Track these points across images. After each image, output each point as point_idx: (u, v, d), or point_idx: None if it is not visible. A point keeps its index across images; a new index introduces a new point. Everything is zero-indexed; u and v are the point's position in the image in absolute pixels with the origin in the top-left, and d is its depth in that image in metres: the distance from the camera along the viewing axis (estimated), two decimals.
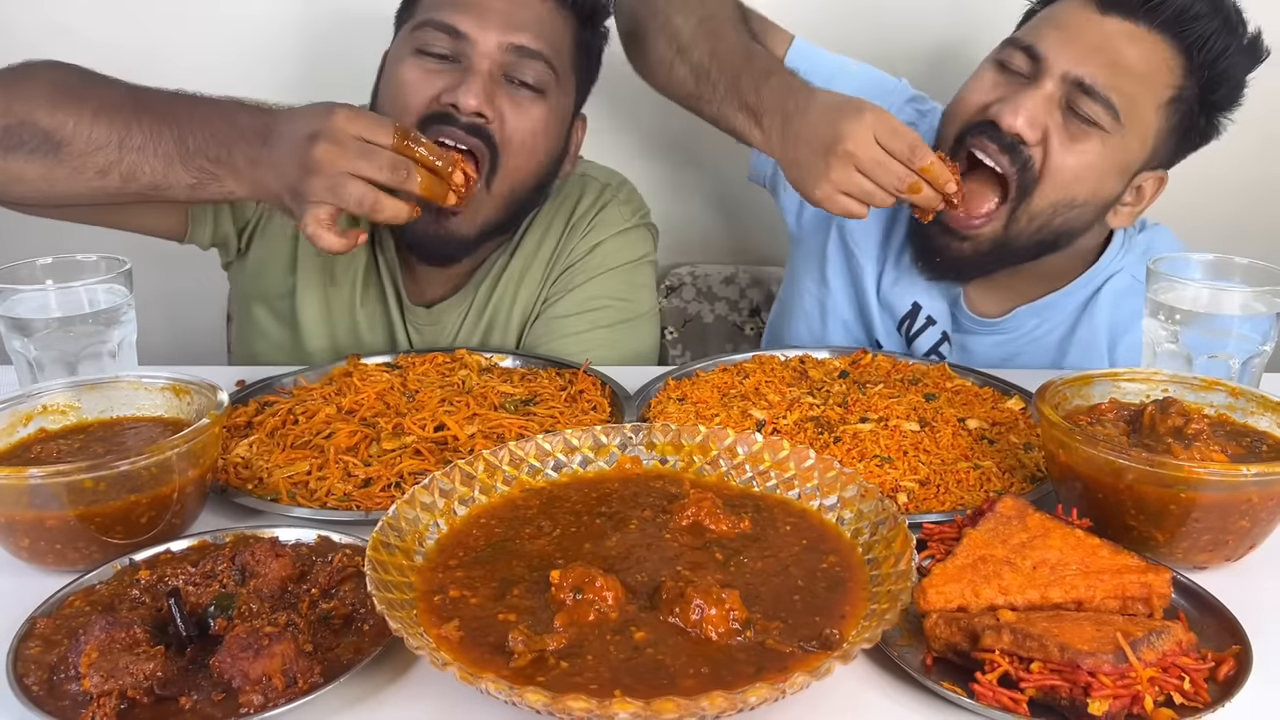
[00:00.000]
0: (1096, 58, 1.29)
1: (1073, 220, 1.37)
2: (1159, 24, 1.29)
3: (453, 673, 0.66)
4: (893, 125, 1.22)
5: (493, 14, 1.32)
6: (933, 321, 1.55)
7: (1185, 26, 1.29)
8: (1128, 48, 1.29)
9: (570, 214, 1.55)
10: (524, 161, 1.38)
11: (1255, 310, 1.10)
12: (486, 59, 1.32)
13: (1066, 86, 1.30)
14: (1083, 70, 1.28)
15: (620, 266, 1.55)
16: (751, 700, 0.65)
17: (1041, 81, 1.30)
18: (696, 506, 0.88)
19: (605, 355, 1.45)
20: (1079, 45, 1.30)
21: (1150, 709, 0.70)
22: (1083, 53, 1.29)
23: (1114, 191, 1.37)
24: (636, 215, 1.58)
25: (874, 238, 1.57)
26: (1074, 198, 1.34)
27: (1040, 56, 1.31)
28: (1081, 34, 1.30)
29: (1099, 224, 1.42)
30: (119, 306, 1.13)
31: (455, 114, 1.31)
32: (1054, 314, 1.50)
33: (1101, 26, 1.30)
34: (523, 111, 1.35)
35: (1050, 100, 1.30)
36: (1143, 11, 1.29)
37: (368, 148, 1.10)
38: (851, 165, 1.22)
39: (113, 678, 0.71)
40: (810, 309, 1.66)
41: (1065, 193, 1.33)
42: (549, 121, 1.39)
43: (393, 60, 1.38)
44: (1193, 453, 0.90)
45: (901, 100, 1.58)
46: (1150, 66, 1.30)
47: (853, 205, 1.24)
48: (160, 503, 0.90)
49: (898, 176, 1.21)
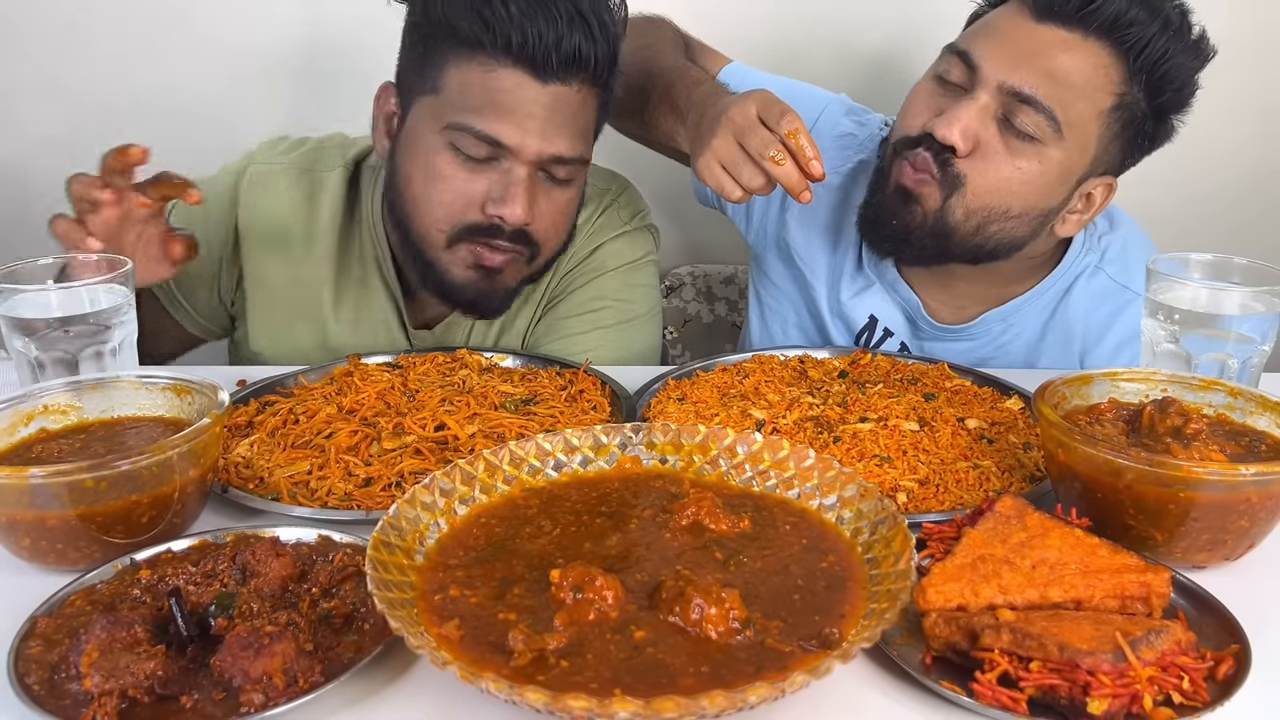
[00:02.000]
0: (1031, 65, 1.27)
1: (1011, 230, 1.36)
2: (1094, 30, 1.26)
3: (453, 672, 0.66)
4: (772, 99, 1.21)
5: (533, 121, 1.27)
6: (890, 333, 1.56)
7: (1121, 33, 1.26)
8: (1063, 56, 1.27)
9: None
10: (558, 238, 1.41)
11: (1254, 310, 1.10)
12: (526, 167, 1.30)
13: (1003, 97, 1.29)
14: (1019, 80, 1.27)
15: (620, 268, 1.55)
16: (751, 699, 0.65)
17: (976, 92, 1.29)
18: (696, 506, 0.88)
19: (606, 355, 1.45)
20: (1014, 54, 1.28)
21: (1149, 708, 0.70)
22: (1017, 61, 1.28)
23: (1056, 201, 1.36)
24: (636, 218, 1.59)
25: (820, 255, 1.57)
26: (1009, 207, 1.33)
27: (975, 65, 1.30)
28: (1016, 42, 1.29)
29: (1046, 233, 1.40)
30: (119, 306, 1.13)
31: (503, 225, 1.31)
32: (1020, 318, 1.50)
33: (1037, 35, 1.28)
34: (555, 202, 1.36)
35: (985, 111, 1.29)
36: (1077, 19, 1.26)
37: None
38: (730, 133, 1.21)
39: (113, 677, 0.72)
40: (770, 321, 1.68)
41: (999, 199, 1.32)
42: (576, 196, 1.40)
43: (422, 144, 1.32)
44: (1192, 452, 0.90)
45: (839, 113, 1.59)
46: (1087, 75, 1.28)
47: (725, 179, 1.22)
48: (161, 502, 0.91)
49: (763, 141, 1.18)
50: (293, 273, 1.51)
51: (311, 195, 1.51)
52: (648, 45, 1.53)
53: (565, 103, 1.29)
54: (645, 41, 1.54)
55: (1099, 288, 1.48)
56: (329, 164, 1.52)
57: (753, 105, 1.20)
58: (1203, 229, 2.15)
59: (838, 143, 1.54)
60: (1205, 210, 2.16)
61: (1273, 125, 2.12)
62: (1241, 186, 2.16)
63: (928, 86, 1.37)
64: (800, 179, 1.18)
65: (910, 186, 1.34)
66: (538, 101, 1.27)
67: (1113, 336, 1.47)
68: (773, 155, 1.17)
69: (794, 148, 1.17)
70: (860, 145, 1.55)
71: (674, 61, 1.48)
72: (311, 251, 1.50)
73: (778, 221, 1.59)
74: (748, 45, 1.77)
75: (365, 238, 1.51)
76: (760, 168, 1.19)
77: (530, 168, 1.30)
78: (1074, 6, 1.25)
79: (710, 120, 1.25)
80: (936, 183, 1.32)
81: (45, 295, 1.10)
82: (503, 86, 1.26)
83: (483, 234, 1.32)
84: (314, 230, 1.50)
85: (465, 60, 1.27)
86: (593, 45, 1.26)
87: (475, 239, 1.33)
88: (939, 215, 1.34)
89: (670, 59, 1.49)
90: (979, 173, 1.31)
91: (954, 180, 1.32)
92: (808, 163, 1.17)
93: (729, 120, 1.21)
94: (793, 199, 1.21)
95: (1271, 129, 2.12)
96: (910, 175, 1.34)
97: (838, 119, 1.57)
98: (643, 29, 1.60)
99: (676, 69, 1.45)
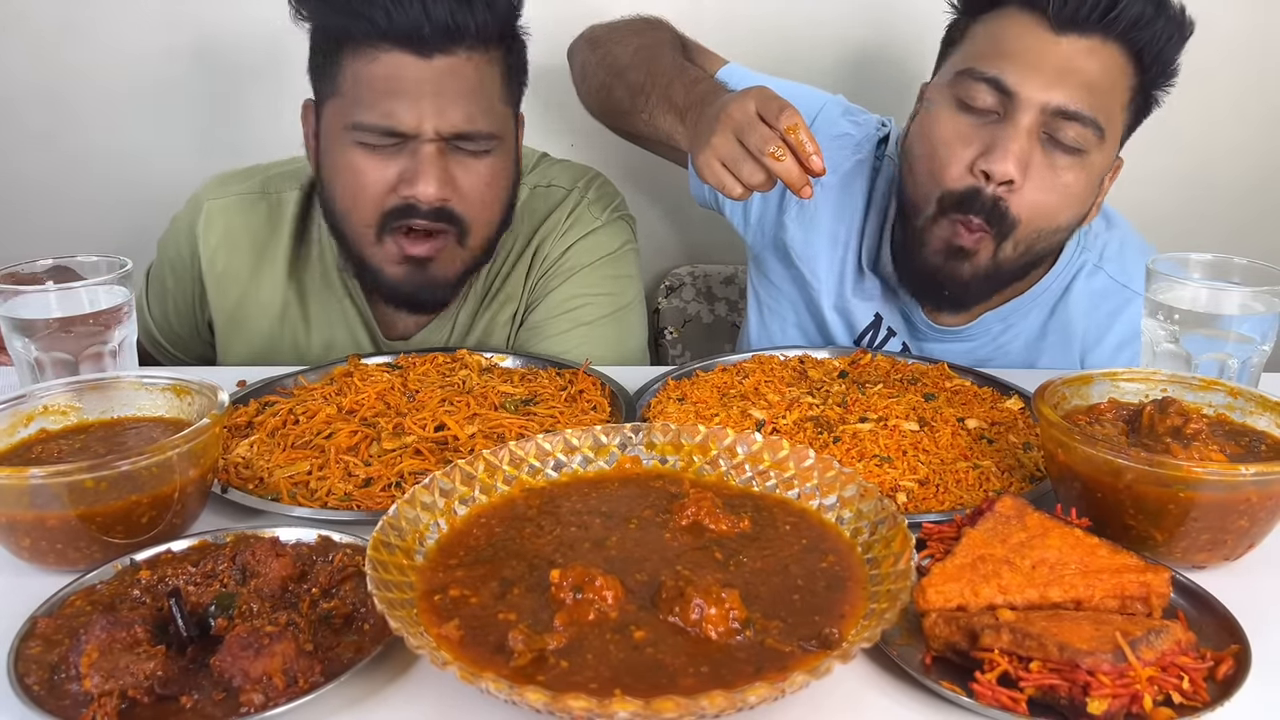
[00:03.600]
0: (1069, 81, 1.27)
1: (1057, 239, 1.39)
2: (1114, 35, 1.27)
3: (453, 672, 0.66)
4: (771, 95, 1.21)
5: (424, 100, 1.28)
6: (893, 333, 1.56)
7: (1138, 34, 1.27)
8: (1090, 64, 1.27)
9: (537, 229, 1.54)
10: (489, 215, 1.39)
11: (1254, 310, 1.10)
12: (430, 145, 1.30)
13: (1045, 117, 1.28)
14: (1063, 98, 1.27)
15: (595, 262, 1.54)
16: (751, 699, 0.65)
17: (1017, 116, 1.28)
18: (696, 506, 0.88)
19: (592, 351, 1.45)
20: (1048, 72, 1.27)
21: (1149, 708, 0.70)
22: (1053, 79, 1.27)
23: (1092, 201, 1.38)
24: (607, 211, 1.57)
25: (820, 255, 1.57)
26: (1059, 224, 1.35)
27: (1011, 91, 1.28)
28: (1045, 59, 1.28)
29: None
30: (119, 306, 1.13)
31: (417, 204, 1.31)
32: (1019, 318, 1.50)
33: (1061, 48, 1.27)
34: (475, 173, 1.35)
35: (1031, 134, 1.29)
36: (1099, 27, 1.26)
37: None
38: (730, 130, 1.20)
39: (113, 677, 0.72)
40: (769, 321, 1.68)
41: (1051, 221, 1.34)
42: (501, 167, 1.39)
43: (334, 146, 1.34)
44: (1191, 452, 0.90)
45: (836, 114, 1.58)
46: (1113, 77, 1.29)
47: (725, 176, 1.22)
48: (161, 502, 0.91)
49: (762, 137, 1.17)
50: (260, 296, 1.52)
51: (270, 217, 1.53)
52: (646, 46, 1.53)
53: (456, 75, 1.29)
54: (643, 42, 1.54)
55: (1099, 287, 1.48)
56: (285, 185, 1.54)
57: (751, 102, 1.20)
58: (1203, 229, 2.15)
59: (835, 143, 1.54)
60: (1205, 210, 2.16)
61: (1273, 125, 2.11)
62: (1241, 186, 2.16)
63: (954, 119, 1.33)
64: (801, 174, 1.18)
65: (969, 247, 1.33)
66: (425, 79, 1.28)
67: (1113, 336, 1.47)
68: (773, 151, 1.17)
69: (794, 143, 1.16)
70: (857, 145, 1.55)
71: (672, 61, 1.48)
72: (275, 272, 1.52)
73: (775, 223, 1.59)
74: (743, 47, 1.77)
75: (326, 255, 1.52)
76: (760, 164, 1.18)
77: (436, 145, 1.30)
78: (1097, 15, 1.25)
79: (709, 118, 1.24)
80: (991, 234, 1.32)
81: (45, 295, 1.10)
82: (388, 72, 1.27)
83: (401, 217, 1.32)
84: (276, 252, 1.52)
85: (352, 55, 1.29)
86: (468, 11, 1.27)
87: (397, 225, 1.33)
88: (993, 261, 1.35)
89: (668, 59, 1.49)
90: (1028, 204, 1.31)
91: (1008, 225, 1.32)
92: (808, 158, 1.16)
93: (728, 117, 1.21)
94: (792, 197, 1.21)
95: (1271, 129, 2.12)
96: (967, 237, 1.33)
97: (835, 119, 1.57)
98: (640, 30, 1.60)
99: (675, 68, 1.46)
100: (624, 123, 1.57)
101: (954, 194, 1.32)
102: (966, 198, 1.31)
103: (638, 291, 1.61)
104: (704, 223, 2.08)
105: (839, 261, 1.56)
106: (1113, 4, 1.25)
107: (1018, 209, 1.31)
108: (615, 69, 1.54)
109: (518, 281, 1.54)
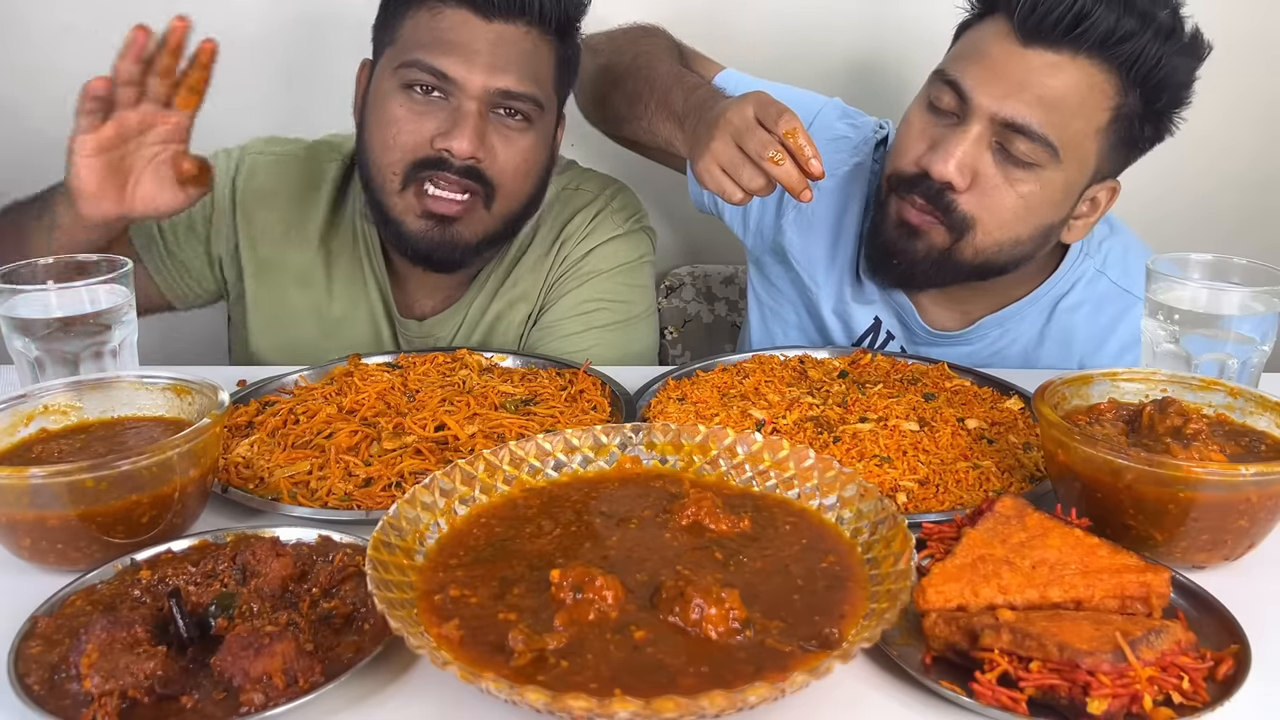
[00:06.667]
0: (1024, 95, 1.25)
1: (1020, 251, 1.37)
2: (1084, 50, 1.23)
3: (453, 672, 0.66)
4: (769, 99, 1.21)
5: (478, 55, 1.33)
6: (892, 336, 1.56)
7: (1113, 49, 1.23)
8: (1054, 80, 1.25)
9: (562, 229, 1.56)
10: (518, 186, 1.42)
11: (1254, 310, 1.10)
12: (475, 101, 1.34)
13: (996, 126, 1.27)
14: (1011, 110, 1.25)
15: (614, 269, 1.56)
16: (751, 699, 0.65)
17: (969, 123, 1.28)
18: (696, 506, 0.88)
19: (602, 356, 1.45)
20: (1004, 83, 1.26)
21: (1149, 708, 0.70)
22: (1008, 90, 1.25)
23: (1060, 216, 1.36)
24: (630, 221, 1.59)
25: (819, 259, 1.57)
26: (1018, 235, 1.34)
27: (966, 95, 1.28)
28: (1006, 70, 1.26)
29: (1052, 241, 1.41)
30: (120, 306, 1.13)
31: (450, 158, 1.34)
32: (1017, 323, 1.50)
33: (1025, 60, 1.25)
34: (512, 144, 1.38)
35: (979, 142, 1.28)
36: (1066, 41, 1.23)
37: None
38: (729, 134, 1.21)
39: (114, 677, 0.72)
40: (770, 322, 1.68)
41: (1008, 232, 1.33)
42: (537, 146, 1.42)
43: (380, 93, 1.38)
44: (1191, 452, 0.90)
45: (833, 117, 1.58)
46: (1082, 94, 1.26)
47: (725, 181, 1.22)
48: (161, 502, 0.91)
49: (761, 142, 1.17)
50: (288, 257, 1.54)
51: (310, 182, 1.55)
52: (644, 53, 1.53)
53: (511, 41, 1.34)
54: (641, 49, 1.55)
55: (1101, 292, 1.47)
56: (328, 156, 1.57)
57: (750, 107, 1.20)
58: (1203, 229, 2.15)
59: (833, 146, 1.54)
60: (1205, 210, 2.16)
61: (1273, 125, 2.11)
62: (1241, 186, 2.16)
63: (920, 115, 1.36)
64: (800, 178, 1.17)
65: (915, 224, 1.34)
66: (483, 37, 1.33)
67: (1115, 341, 1.46)
68: (772, 155, 1.17)
69: (792, 147, 1.16)
70: (855, 148, 1.55)
71: (670, 68, 1.48)
72: (308, 237, 1.54)
73: (774, 227, 1.59)
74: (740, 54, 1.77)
75: (358, 229, 1.54)
76: (760, 168, 1.18)
77: (479, 103, 1.34)
78: (1062, 29, 1.22)
79: (708, 123, 1.24)
80: (944, 225, 1.32)
81: (45, 295, 1.10)
82: (448, 24, 1.33)
83: (430, 168, 1.35)
84: (311, 216, 1.54)
85: (416, 8, 1.36)
86: None
87: (424, 175, 1.35)
88: (945, 253, 1.35)
89: (666, 65, 1.49)
90: (985, 209, 1.30)
91: (962, 223, 1.31)
92: (807, 162, 1.16)
93: (726, 122, 1.21)
94: (790, 202, 1.21)
95: (1271, 129, 2.12)
96: (914, 215, 1.34)
97: (832, 122, 1.57)
98: (638, 38, 1.61)
99: (673, 75, 1.46)
100: (623, 130, 1.57)
101: (901, 176, 1.35)
102: (914, 180, 1.33)
103: (650, 304, 1.62)
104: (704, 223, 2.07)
105: (837, 265, 1.56)
106: (1080, 17, 1.22)
107: (969, 209, 1.31)
108: (613, 77, 1.55)
109: (536, 281, 1.55)
